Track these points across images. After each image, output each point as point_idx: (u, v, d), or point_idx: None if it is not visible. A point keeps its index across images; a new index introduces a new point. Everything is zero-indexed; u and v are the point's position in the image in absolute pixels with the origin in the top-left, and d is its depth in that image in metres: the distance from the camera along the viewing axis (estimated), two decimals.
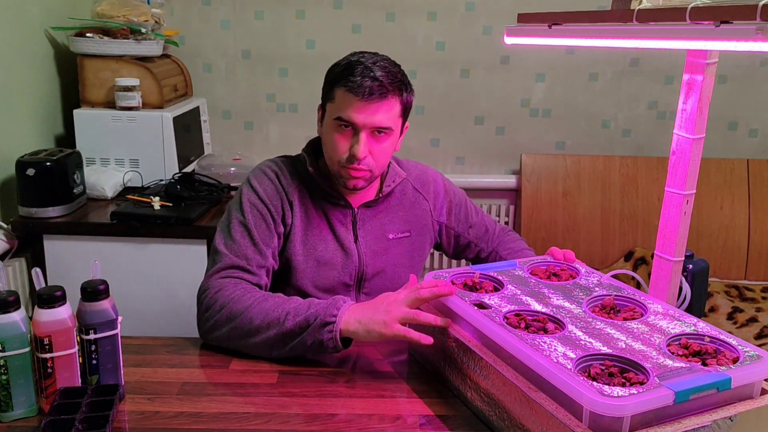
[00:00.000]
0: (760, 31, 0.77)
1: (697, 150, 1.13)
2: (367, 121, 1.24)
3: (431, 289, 1.07)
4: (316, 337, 1.11)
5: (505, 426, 0.94)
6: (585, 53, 2.69)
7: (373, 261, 1.36)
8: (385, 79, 1.23)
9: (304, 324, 1.12)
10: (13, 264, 1.92)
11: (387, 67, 1.25)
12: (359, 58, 1.25)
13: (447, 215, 1.48)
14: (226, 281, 1.22)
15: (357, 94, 1.22)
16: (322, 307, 1.13)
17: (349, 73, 1.23)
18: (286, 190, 1.32)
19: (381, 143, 1.27)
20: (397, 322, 1.08)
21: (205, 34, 2.65)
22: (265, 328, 1.14)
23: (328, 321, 1.11)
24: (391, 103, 1.25)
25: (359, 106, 1.23)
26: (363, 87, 1.21)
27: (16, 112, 2.03)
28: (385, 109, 1.24)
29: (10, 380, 0.96)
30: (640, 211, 2.70)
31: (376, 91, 1.22)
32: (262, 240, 1.27)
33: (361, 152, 1.24)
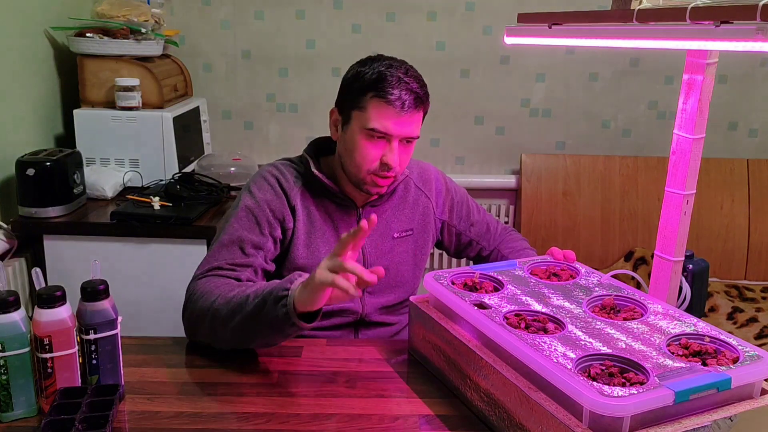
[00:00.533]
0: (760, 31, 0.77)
1: (697, 150, 1.13)
2: (402, 132, 1.25)
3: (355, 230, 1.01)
4: (274, 314, 1.05)
5: (505, 426, 0.94)
6: (585, 53, 2.69)
7: (378, 260, 1.37)
8: (420, 91, 1.26)
9: (261, 304, 1.08)
10: (13, 264, 1.92)
11: (418, 77, 1.28)
12: (388, 68, 1.25)
13: (449, 213, 1.48)
14: (202, 281, 1.22)
15: (395, 106, 1.23)
16: (276, 284, 1.09)
17: (386, 84, 1.23)
18: (288, 194, 1.32)
19: (408, 150, 1.30)
20: (325, 269, 1.00)
21: (205, 34, 2.65)
22: (231, 317, 1.11)
23: (280, 296, 1.05)
24: (421, 113, 1.29)
25: (396, 118, 1.24)
26: (402, 99, 1.23)
27: (16, 112, 2.03)
28: (417, 119, 1.27)
29: (10, 380, 0.96)
30: (640, 211, 2.70)
31: (414, 104, 1.24)
32: (251, 244, 1.26)
33: (394, 161, 1.26)
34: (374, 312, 1.38)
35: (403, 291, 1.41)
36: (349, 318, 1.37)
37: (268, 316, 1.07)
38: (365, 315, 1.37)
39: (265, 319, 1.07)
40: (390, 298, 1.40)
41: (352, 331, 1.39)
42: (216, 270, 1.23)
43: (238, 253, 1.26)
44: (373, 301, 1.38)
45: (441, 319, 1.11)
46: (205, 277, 1.23)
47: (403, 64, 1.28)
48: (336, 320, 1.36)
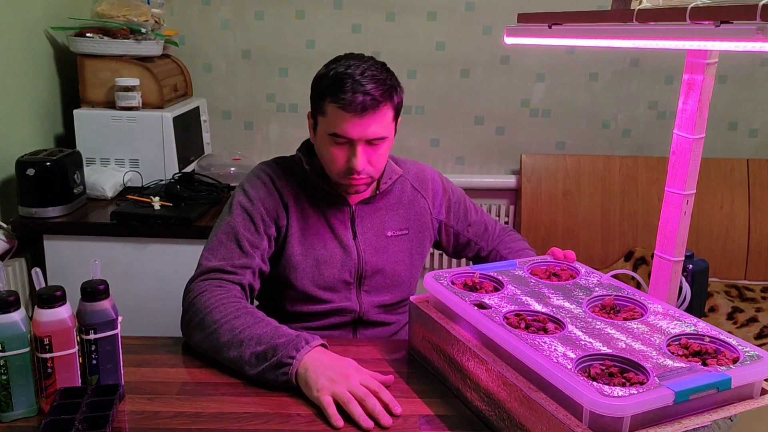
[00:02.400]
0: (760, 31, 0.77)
1: (697, 150, 1.13)
2: (363, 135, 1.23)
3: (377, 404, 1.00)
4: (273, 376, 1.07)
5: (505, 426, 0.94)
6: (585, 53, 2.69)
7: (372, 258, 1.37)
8: (376, 91, 1.21)
9: (262, 356, 1.08)
10: (13, 264, 1.92)
11: (376, 76, 1.22)
12: (346, 70, 1.22)
13: (446, 213, 1.48)
14: (206, 284, 1.20)
15: (349, 110, 1.20)
16: (283, 343, 1.08)
17: (339, 89, 1.21)
18: (281, 192, 1.33)
19: (377, 150, 1.27)
20: (329, 394, 1.01)
21: (205, 34, 2.65)
22: (228, 347, 1.11)
23: (284, 363, 1.06)
24: (384, 113, 1.24)
25: (353, 122, 1.22)
26: (355, 104, 1.20)
27: (16, 112, 2.03)
28: (379, 120, 1.23)
29: (10, 380, 0.96)
30: (640, 211, 2.70)
31: (369, 105, 1.20)
32: (248, 241, 1.26)
33: (359, 164, 1.24)
34: (372, 311, 1.38)
35: (400, 291, 1.41)
36: (347, 317, 1.37)
37: (266, 373, 1.07)
38: (363, 314, 1.38)
39: (262, 372, 1.08)
40: (387, 297, 1.40)
41: (351, 330, 1.39)
42: (218, 272, 1.23)
43: (236, 251, 1.25)
44: (370, 300, 1.38)
45: (441, 319, 1.11)
46: (207, 279, 1.22)
47: (361, 64, 1.23)
48: (334, 319, 1.36)
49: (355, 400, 1.00)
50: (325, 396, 1.01)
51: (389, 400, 1.02)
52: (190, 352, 1.21)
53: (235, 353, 1.10)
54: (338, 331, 1.38)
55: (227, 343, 1.11)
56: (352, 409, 0.98)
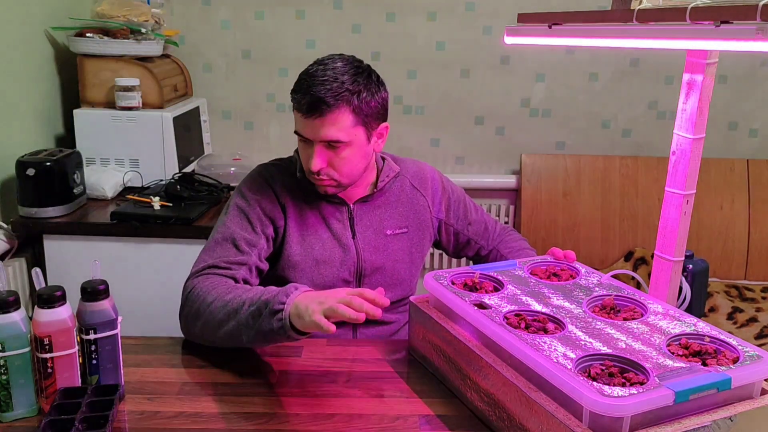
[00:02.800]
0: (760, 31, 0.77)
1: (697, 150, 1.13)
2: (315, 136, 1.24)
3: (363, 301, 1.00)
4: (269, 326, 1.06)
5: (505, 426, 0.94)
6: (585, 53, 2.69)
7: (371, 257, 1.37)
8: (324, 93, 1.20)
9: (256, 313, 1.08)
10: (13, 264, 1.92)
11: (335, 78, 1.21)
12: (309, 69, 1.25)
13: (445, 212, 1.48)
14: (200, 279, 1.22)
15: (300, 110, 1.24)
16: (272, 294, 1.08)
17: (296, 88, 1.24)
18: (278, 193, 1.34)
19: (339, 154, 1.26)
20: (319, 313, 1.00)
21: (205, 34, 2.64)
22: (225, 321, 1.12)
23: (276, 309, 1.05)
24: (337, 116, 1.22)
25: (303, 121, 1.24)
26: (302, 104, 1.22)
27: (16, 112, 2.03)
28: (330, 123, 1.22)
29: (10, 380, 0.96)
30: (640, 211, 2.70)
31: (315, 108, 1.21)
32: (244, 241, 1.27)
33: (314, 165, 1.25)
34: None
35: (400, 289, 1.41)
36: None
37: (262, 326, 1.07)
38: None
39: (260, 327, 1.07)
40: (387, 296, 1.39)
41: (350, 328, 1.39)
42: (212, 268, 1.24)
43: (232, 250, 1.26)
44: None
45: (441, 319, 1.11)
46: (202, 275, 1.23)
47: (330, 65, 1.23)
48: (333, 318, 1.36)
49: (344, 305, 0.99)
50: (317, 316, 0.99)
51: (373, 295, 1.01)
52: (190, 352, 1.21)
53: (233, 323, 1.11)
54: (338, 330, 1.37)
55: (224, 318, 1.12)
56: (343, 312, 0.98)
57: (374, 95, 1.26)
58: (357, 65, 1.27)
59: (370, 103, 1.25)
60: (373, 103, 1.26)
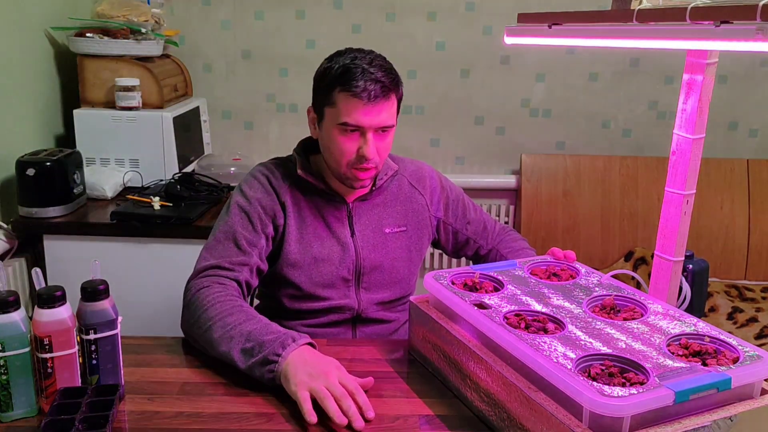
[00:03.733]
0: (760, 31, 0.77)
1: (697, 150, 1.13)
2: (374, 123, 1.26)
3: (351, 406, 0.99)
4: (259, 372, 1.07)
5: (505, 426, 0.94)
6: (585, 53, 2.69)
7: (370, 254, 1.37)
8: (386, 79, 1.25)
9: (249, 352, 1.09)
10: (13, 264, 1.92)
11: (384, 66, 1.27)
12: (354, 61, 1.26)
13: (444, 211, 1.48)
14: (204, 281, 1.22)
15: (362, 98, 1.23)
16: (270, 340, 1.08)
17: (350, 78, 1.24)
18: (278, 192, 1.34)
19: (385, 139, 1.30)
20: (305, 389, 1.00)
21: (205, 34, 2.65)
22: (219, 343, 1.12)
23: (271, 360, 1.06)
24: (392, 101, 1.28)
25: (365, 109, 1.24)
26: (368, 90, 1.23)
27: (16, 112, 2.03)
28: (388, 108, 1.27)
29: (10, 380, 0.96)
30: (640, 211, 2.70)
31: (381, 93, 1.24)
32: (245, 240, 1.28)
33: (371, 153, 1.27)
34: (370, 308, 1.39)
35: (399, 288, 1.42)
36: (346, 314, 1.38)
37: (253, 369, 1.08)
38: (361, 311, 1.38)
39: (250, 367, 1.08)
40: (386, 294, 1.40)
41: (350, 327, 1.39)
42: (216, 269, 1.24)
43: (234, 249, 1.27)
44: (369, 297, 1.38)
45: (441, 319, 1.11)
46: (206, 276, 1.24)
47: (368, 55, 1.28)
48: (333, 317, 1.37)
49: (332, 398, 0.99)
50: (302, 391, 1.00)
51: (364, 402, 1.00)
52: (190, 352, 1.21)
53: (225, 348, 1.11)
54: (337, 329, 1.38)
55: (219, 339, 1.12)
56: (328, 405, 0.97)
57: (402, 85, 1.33)
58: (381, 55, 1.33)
59: (402, 93, 1.33)
60: (402, 92, 1.33)
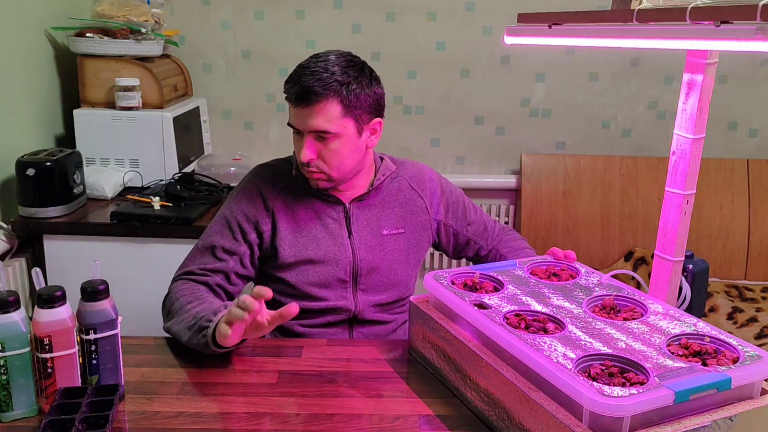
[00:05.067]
0: (760, 31, 0.77)
1: (697, 150, 1.13)
2: (303, 126, 1.27)
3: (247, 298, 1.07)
4: (197, 341, 1.14)
5: (505, 426, 0.94)
6: (585, 53, 2.69)
7: (367, 256, 1.37)
8: (312, 83, 1.23)
9: (191, 327, 1.17)
10: (13, 264, 1.92)
11: (320, 71, 1.24)
12: (305, 61, 1.28)
13: (444, 213, 1.48)
14: (175, 284, 1.32)
15: (289, 100, 1.27)
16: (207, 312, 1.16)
17: (288, 79, 1.28)
18: (267, 196, 1.36)
19: (327, 146, 1.28)
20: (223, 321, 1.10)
21: (205, 34, 2.64)
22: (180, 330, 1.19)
23: (203, 326, 1.14)
24: (325, 107, 1.24)
25: (294, 111, 1.27)
26: (291, 93, 1.26)
27: (16, 112, 2.03)
28: (317, 113, 1.24)
29: (10, 380, 0.96)
30: (640, 211, 2.70)
31: (304, 97, 1.24)
32: (222, 249, 1.34)
33: (303, 156, 1.28)
34: (367, 310, 1.39)
35: (397, 290, 1.42)
36: (343, 315, 1.38)
37: (192, 340, 1.16)
38: (358, 312, 1.38)
39: (196, 341, 1.16)
40: (383, 296, 1.40)
41: (347, 328, 1.39)
42: (189, 274, 1.33)
43: (209, 258, 1.34)
44: (366, 299, 1.38)
45: (441, 319, 1.11)
46: (180, 279, 1.33)
47: (324, 57, 1.28)
48: (329, 317, 1.37)
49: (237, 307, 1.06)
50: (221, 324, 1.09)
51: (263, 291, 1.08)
52: (190, 352, 1.21)
53: (180, 328, 1.20)
54: (334, 329, 1.38)
55: (180, 327, 1.20)
56: (235, 312, 1.05)
57: (365, 88, 1.28)
58: (350, 59, 1.30)
59: (360, 96, 1.27)
60: (363, 96, 1.27)
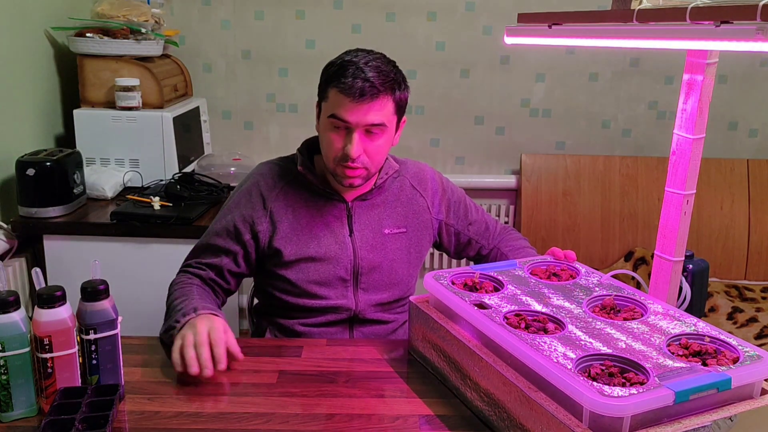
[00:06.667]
0: (760, 31, 0.77)
1: (697, 150, 1.13)
2: (360, 121, 1.26)
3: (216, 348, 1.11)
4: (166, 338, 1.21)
5: (505, 426, 0.94)
6: (585, 53, 2.69)
7: (368, 255, 1.37)
8: (376, 79, 1.25)
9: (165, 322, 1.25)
10: (13, 264, 1.92)
11: (379, 67, 1.27)
12: (352, 58, 1.28)
13: (446, 213, 1.48)
14: (179, 275, 1.40)
15: (348, 95, 1.25)
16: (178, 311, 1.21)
17: (342, 74, 1.26)
18: (266, 197, 1.37)
19: (375, 141, 1.30)
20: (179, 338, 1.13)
21: (205, 34, 2.65)
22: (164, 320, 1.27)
23: (172, 326, 1.19)
24: (383, 102, 1.27)
25: (351, 106, 1.26)
26: (354, 88, 1.24)
27: (16, 112, 2.03)
28: (377, 108, 1.27)
29: (10, 380, 0.96)
30: (640, 211, 2.70)
31: (368, 92, 1.24)
32: (217, 247, 1.38)
33: (355, 151, 1.27)
34: (368, 309, 1.39)
35: (398, 290, 1.42)
36: (343, 315, 1.38)
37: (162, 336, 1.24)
38: (358, 312, 1.38)
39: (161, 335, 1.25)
40: (384, 296, 1.40)
41: (347, 327, 1.39)
42: (188, 267, 1.41)
43: (207, 254, 1.40)
44: (366, 298, 1.38)
45: (441, 319, 1.11)
46: (181, 271, 1.41)
47: (369, 54, 1.29)
48: (330, 317, 1.37)
49: (192, 345, 1.10)
50: (176, 340, 1.13)
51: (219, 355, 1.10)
52: None
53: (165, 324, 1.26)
54: (335, 328, 1.39)
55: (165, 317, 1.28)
56: (186, 352, 1.09)
57: (406, 89, 1.34)
58: (390, 59, 1.33)
59: (404, 95, 1.33)
60: (405, 96, 1.33)
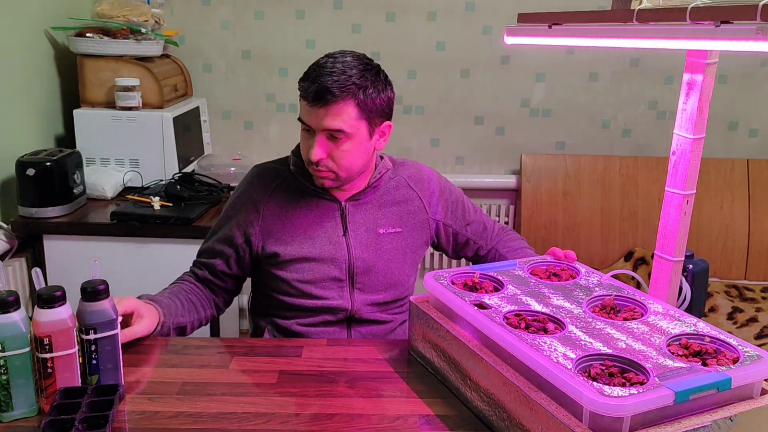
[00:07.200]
0: (760, 31, 0.77)
1: (697, 150, 1.13)
2: (317, 125, 1.27)
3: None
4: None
5: (505, 426, 0.94)
6: (585, 53, 2.69)
7: (363, 254, 1.37)
8: (333, 84, 1.23)
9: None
10: (13, 264, 1.92)
11: (344, 71, 1.24)
12: (321, 60, 1.28)
13: (443, 213, 1.48)
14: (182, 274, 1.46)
15: (305, 98, 1.26)
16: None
17: (305, 77, 1.27)
18: (257, 201, 1.38)
19: (339, 146, 1.28)
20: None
21: (205, 34, 2.65)
22: None
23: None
24: (342, 108, 1.25)
25: (308, 110, 1.27)
26: (308, 92, 1.25)
27: (16, 112, 2.03)
28: (334, 113, 1.25)
29: (10, 380, 0.96)
30: (640, 211, 2.70)
31: (321, 96, 1.24)
32: (213, 249, 1.41)
33: (314, 155, 1.28)
34: (364, 309, 1.39)
35: (394, 290, 1.42)
36: (339, 315, 1.38)
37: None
38: (355, 312, 1.38)
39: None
40: (381, 296, 1.40)
41: (345, 327, 1.40)
42: (192, 265, 1.46)
43: (205, 254, 1.44)
44: (363, 298, 1.39)
45: (441, 319, 1.11)
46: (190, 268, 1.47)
47: (340, 58, 1.27)
48: (327, 317, 1.38)
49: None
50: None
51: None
52: (190, 352, 1.21)
53: None
54: (332, 328, 1.39)
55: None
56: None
57: (380, 93, 1.29)
58: (366, 61, 1.30)
59: (375, 100, 1.28)
60: (378, 101, 1.29)
